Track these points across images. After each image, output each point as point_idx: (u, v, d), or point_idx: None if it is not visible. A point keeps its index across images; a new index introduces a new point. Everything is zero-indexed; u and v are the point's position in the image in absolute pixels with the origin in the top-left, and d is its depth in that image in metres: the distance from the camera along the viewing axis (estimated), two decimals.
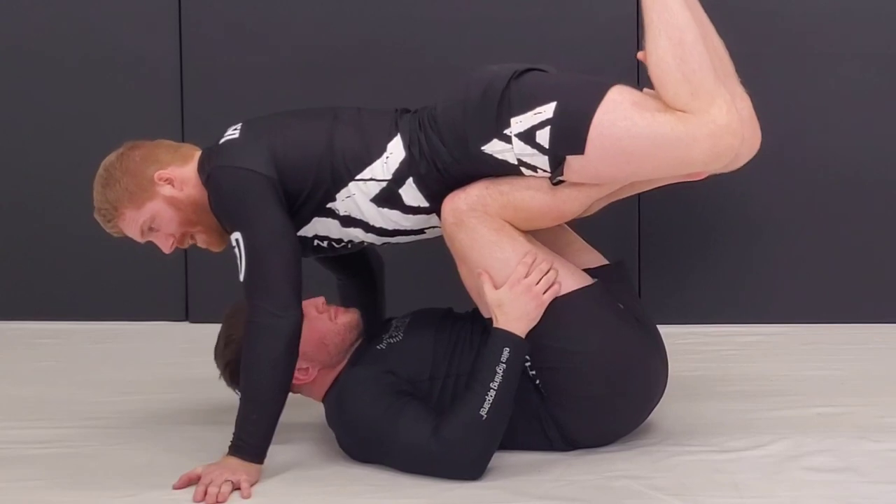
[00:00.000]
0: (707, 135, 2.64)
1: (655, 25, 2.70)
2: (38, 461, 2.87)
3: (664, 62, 2.68)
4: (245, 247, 2.72)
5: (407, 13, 4.24)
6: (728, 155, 2.67)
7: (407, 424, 2.69)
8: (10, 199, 4.41)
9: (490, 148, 2.75)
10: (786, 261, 4.19)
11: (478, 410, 2.65)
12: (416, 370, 2.82)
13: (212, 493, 2.59)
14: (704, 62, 2.67)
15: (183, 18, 4.30)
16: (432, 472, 2.68)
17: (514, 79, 2.77)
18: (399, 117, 2.90)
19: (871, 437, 2.90)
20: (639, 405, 2.87)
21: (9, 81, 4.38)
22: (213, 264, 3.51)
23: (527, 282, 2.73)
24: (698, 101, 2.65)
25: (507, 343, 2.70)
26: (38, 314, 4.37)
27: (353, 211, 2.85)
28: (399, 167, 2.82)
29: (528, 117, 2.72)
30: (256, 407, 2.69)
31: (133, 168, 2.86)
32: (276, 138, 2.84)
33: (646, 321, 2.92)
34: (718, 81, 2.68)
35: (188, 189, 2.87)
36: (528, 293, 2.73)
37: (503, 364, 2.68)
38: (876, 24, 4.10)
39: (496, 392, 2.66)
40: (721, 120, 2.64)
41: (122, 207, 2.86)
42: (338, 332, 2.89)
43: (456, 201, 2.77)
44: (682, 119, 2.65)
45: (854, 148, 4.14)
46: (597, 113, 2.68)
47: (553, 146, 2.70)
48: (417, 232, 2.91)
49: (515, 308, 2.72)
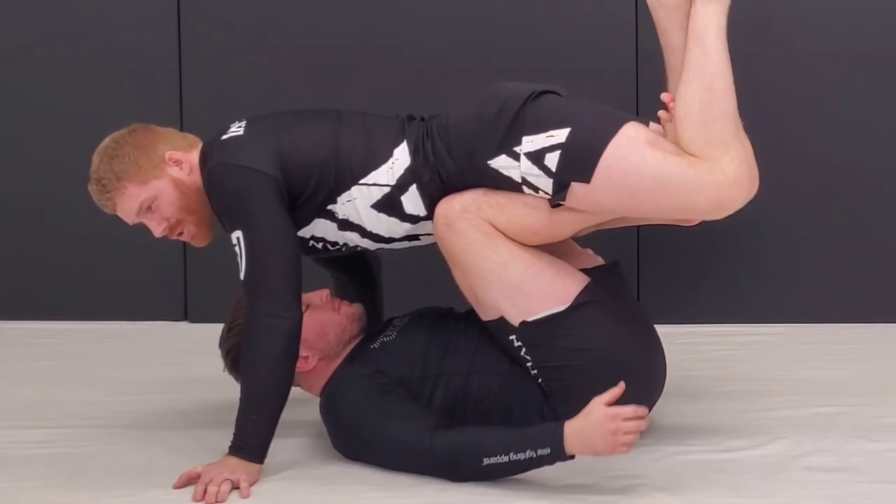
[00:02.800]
0: (713, 184, 2.65)
1: (692, 67, 2.70)
2: (36, 461, 2.87)
3: (690, 105, 2.68)
4: (246, 246, 2.72)
5: (406, 13, 4.24)
6: (730, 207, 2.69)
7: (397, 423, 2.70)
8: (9, 199, 4.41)
9: (497, 163, 2.75)
10: (785, 261, 4.19)
11: (482, 457, 2.60)
12: (406, 369, 2.82)
13: (211, 493, 2.59)
14: (728, 113, 2.68)
15: (182, 18, 4.30)
16: (420, 470, 2.68)
17: (532, 99, 2.77)
18: (406, 124, 2.89)
19: (870, 437, 2.90)
20: (640, 402, 2.87)
21: (8, 81, 4.38)
22: (213, 264, 3.51)
23: (620, 426, 2.52)
24: (712, 149, 2.66)
25: (555, 445, 2.55)
26: (38, 314, 4.36)
27: (352, 215, 2.85)
28: (403, 174, 2.81)
29: (540, 138, 2.72)
30: (256, 407, 2.69)
31: (145, 143, 2.84)
32: (282, 137, 2.82)
33: (643, 320, 2.92)
34: (737, 134, 2.69)
35: (195, 175, 2.85)
36: (612, 435, 2.52)
37: (534, 454, 2.57)
38: (876, 23, 4.10)
39: (509, 464, 2.59)
40: (730, 172, 2.65)
41: (126, 180, 2.82)
42: (339, 323, 2.90)
43: (450, 203, 2.78)
44: (692, 164, 2.66)
45: (854, 148, 4.14)
46: (609, 145, 2.69)
47: (560, 171, 2.71)
48: (412, 238, 2.90)
49: (590, 434, 2.54)
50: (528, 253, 2.78)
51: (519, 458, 2.58)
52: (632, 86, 4.18)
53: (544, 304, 2.77)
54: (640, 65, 4.17)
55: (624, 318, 2.84)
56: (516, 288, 2.76)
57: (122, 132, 2.89)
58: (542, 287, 2.77)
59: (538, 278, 2.77)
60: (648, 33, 4.11)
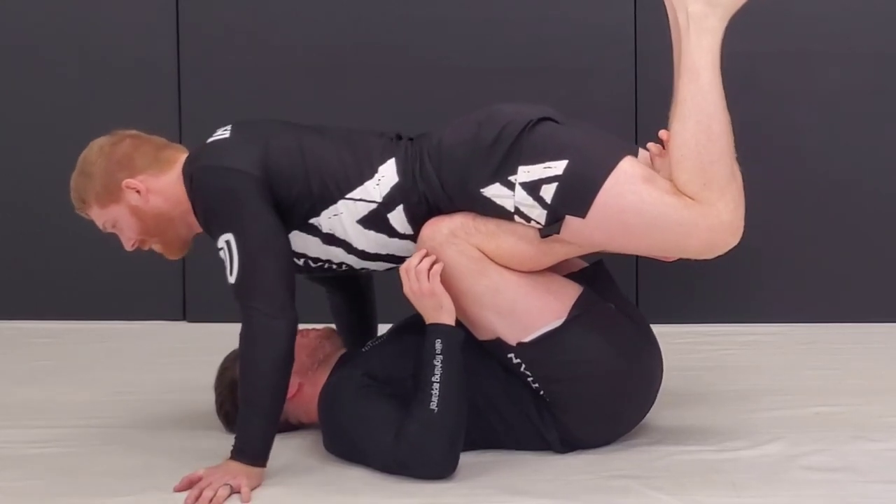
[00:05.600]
0: (708, 227, 2.64)
1: (688, 106, 2.65)
2: (34, 461, 2.87)
3: (687, 146, 2.64)
4: (237, 249, 2.69)
5: (406, 13, 4.25)
6: (721, 250, 2.68)
7: (372, 430, 2.70)
8: (8, 199, 4.41)
9: (490, 191, 2.72)
10: (784, 260, 4.19)
11: (427, 406, 2.65)
12: (396, 369, 2.81)
13: (206, 497, 2.56)
14: (725, 155, 2.65)
15: (181, 19, 4.30)
16: (403, 474, 2.68)
17: (530, 127, 2.73)
18: (394, 142, 2.86)
19: (869, 437, 2.90)
20: (640, 402, 2.88)
21: (7, 81, 4.38)
22: (212, 264, 3.50)
23: (408, 285, 2.73)
24: (708, 192, 2.63)
25: (438, 335, 2.70)
26: (36, 314, 4.37)
27: (338, 230, 2.82)
28: (391, 191, 2.78)
29: (537, 169, 2.69)
30: (257, 409, 2.67)
31: (107, 168, 2.86)
32: (266, 142, 2.80)
33: (637, 318, 2.91)
34: (732, 176, 2.66)
35: (155, 200, 2.85)
36: (417, 292, 2.73)
37: (439, 356, 2.68)
38: (876, 24, 4.10)
39: (440, 384, 2.66)
40: (725, 216, 2.64)
41: (89, 201, 2.89)
42: (308, 345, 2.92)
43: (437, 227, 2.75)
44: (688, 205, 2.64)
45: (854, 148, 4.14)
46: (607, 181, 2.66)
47: (556, 203, 2.68)
48: (399, 259, 2.86)
49: (422, 306, 2.74)
50: (517, 274, 2.76)
51: (440, 373, 2.66)
52: (631, 86, 4.19)
53: (539, 322, 2.75)
54: (639, 65, 4.17)
55: (618, 320, 2.83)
56: (509, 310, 2.74)
57: (95, 149, 2.91)
58: (534, 305, 2.75)
59: (530, 297, 2.76)
60: (648, 33, 4.15)
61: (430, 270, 2.72)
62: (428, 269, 2.72)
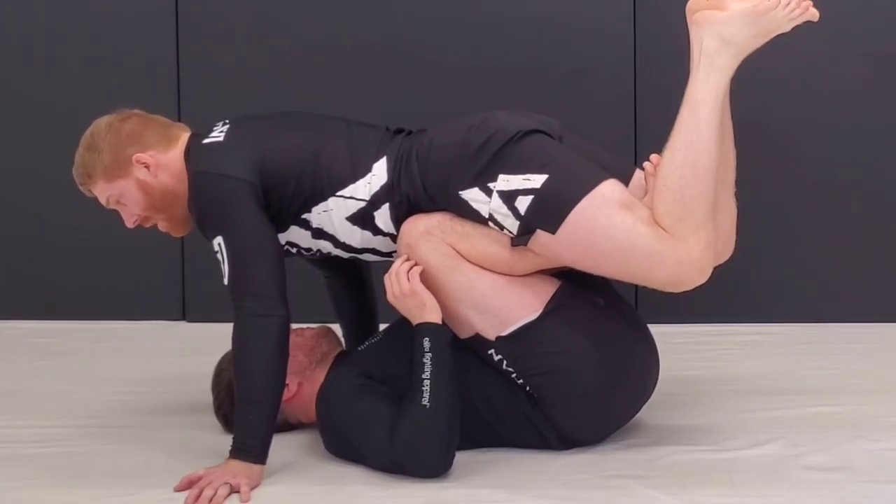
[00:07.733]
0: (675, 262, 2.64)
1: (681, 137, 2.66)
2: (34, 460, 2.87)
3: (671, 178, 2.64)
4: (228, 250, 2.73)
5: (406, 13, 4.25)
6: (686, 286, 2.68)
7: (368, 430, 2.71)
8: (7, 199, 4.41)
9: (468, 195, 2.74)
10: (784, 260, 4.19)
11: (420, 402, 2.66)
12: (393, 367, 2.81)
13: (205, 496, 2.57)
14: (706, 192, 2.64)
15: (180, 18, 4.30)
16: (399, 473, 2.68)
17: (518, 138, 2.74)
18: (390, 138, 2.88)
19: (869, 437, 2.90)
20: (632, 396, 2.88)
21: (7, 81, 4.38)
22: (211, 264, 3.50)
23: (390, 291, 2.76)
24: (682, 227, 2.63)
25: (425, 334, 2.72)
26: (35, 313, 4.37)
27: (326, 225, 2.85)
28: (379, 191, 2.81)
29: (516, 179, 2.71)
30: (253, 407, 2.68)
31: (116, 143, 2.87)
32: (262, 143, 2.83)
33: (630, 314, 2.91)
34: (710, 215, 2.66)
35: (163, 176, 2.87)
36: (399, 295, 2.75)
37: (428, 353, 2.69)
38: (876, 23, 4.10)
39: (431, 380, 2.67)
40: (695, 254, 2.63)
41: (95, 176, 2.89)
42: (304, 344, 2.92)
43: (414, 224, 2.78)
44: (659, 238, 2.64)
45: (854, 146, 4.14)
46: (582, 202, 2.66)
47: (528, 216, 2.69)
48: (386, 255, 2.90)
49: (406, 308, 2.76)
50: (492, 271, 2.78)
51: (431, 370, 2.68)
52: (630, 86, 4.19)
53: (516, 316, 2.76)
54: (638, 65, 4.17)
55: (603, 314, 2.83)
56: (485, 305, 2.76)
57: (102, 124, 2.92)
58: (510, 300, 2.76)
59: (505, 292, 2.77)
60: (647, 33, 4.15)
61: (409, 272, 2.74)
62: (407, 272, 2.74)
